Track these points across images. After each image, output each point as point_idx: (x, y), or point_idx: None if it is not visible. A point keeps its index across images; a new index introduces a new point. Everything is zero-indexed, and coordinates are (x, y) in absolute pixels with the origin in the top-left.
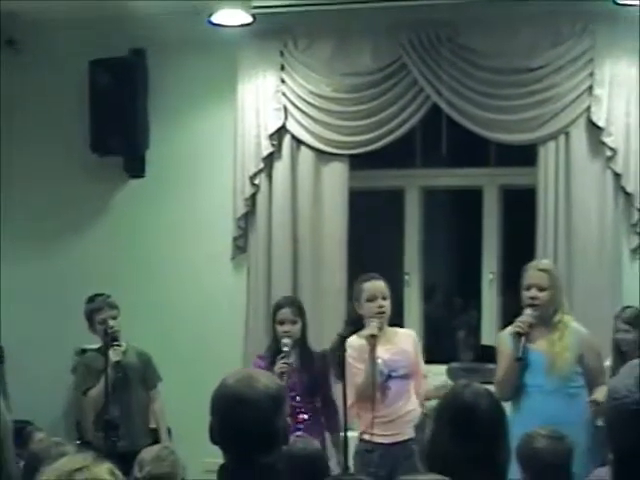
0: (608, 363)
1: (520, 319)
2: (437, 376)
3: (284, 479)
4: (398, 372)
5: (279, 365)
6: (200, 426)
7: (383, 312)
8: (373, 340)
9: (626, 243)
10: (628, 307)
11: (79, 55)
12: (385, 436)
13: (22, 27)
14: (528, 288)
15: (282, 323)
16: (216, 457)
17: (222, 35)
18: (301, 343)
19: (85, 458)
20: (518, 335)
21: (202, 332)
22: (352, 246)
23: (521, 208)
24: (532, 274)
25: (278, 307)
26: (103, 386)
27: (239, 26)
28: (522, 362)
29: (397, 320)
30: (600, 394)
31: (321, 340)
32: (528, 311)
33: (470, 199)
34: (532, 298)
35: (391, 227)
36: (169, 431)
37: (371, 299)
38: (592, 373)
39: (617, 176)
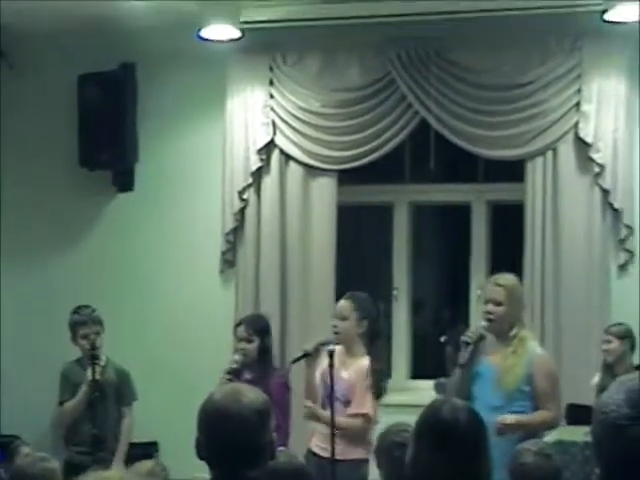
0: (596, 379)
1: (471, 329)
2: (425, 391)
3: None
4: (339, 397)
5: (220, 378)
6: (187, 441)
7: (335, 332)
8: (306, 356)
9: (614, 259)
10: (618, 324)
11: (68, 69)
12: (319, 447)
13: (11, 40)
14: (486, 302)
15: (239, 340)
16: (204, 472)
17: (211, 50)
18: (260, 361)
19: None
20: (466, 344)
21: (190, 346)
22: (340, 261)
23: (509, 224)
24: (489, 288)
25: (237, 324)
26: (78, 401)
27: (228, 41)
28: (464, 370)
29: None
30: (523, 417)
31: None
32: (482, 323)
33: (458, 214)
34: (488, 312)
35: (379, 242)
36: (157, 445)
37: (334, 317)
38: (539, 394)
39: (605, 192)
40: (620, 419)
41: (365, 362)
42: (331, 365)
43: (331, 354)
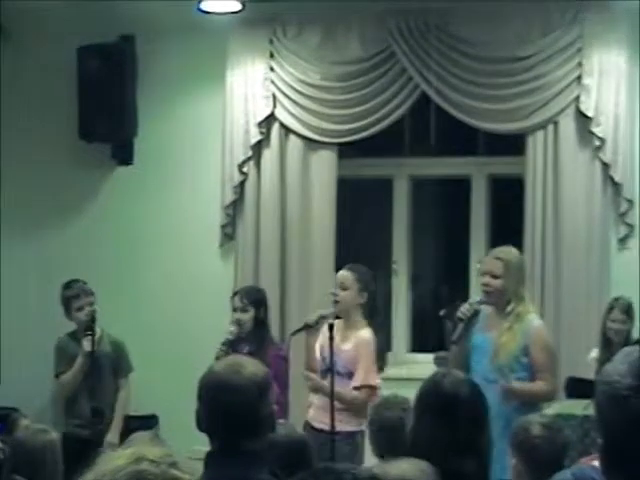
0: (593, 355)
1: (465, 305)
2: (424, 365)
3: (270, 466)
4: (340, 369)
5: (216, 349)
6: (187, 413)
7: (335, 301)
8: (307, 328)
9: (614, 233)
10: (620, 298)
11: (67, 41)
12: (316, 420)
13: (10, 12)
14: (483, 274)
15: (234, 310)
16: (204, 445)
17: (211, 22)
18: (256, 333)
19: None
20: (459, 320)
21: (189, 320)
22: (340, 235)
23: (509, 197)
24: (488, 260)
25: (233, 294)
26: (75, 373)
27: (228, 13)
28: (458, 345)
29: (385, 308)
30: (524, 385)
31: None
32: (476, 297)
33: (458, 188)
34: (484, 285)
35: (379, 216)
36: (156, 418)
37: (335, 287)
38: (534, 366)
39: (605, 166)
40: (623, 389)
41: (367, 334)
42: (331, 338)
43: (331, 327)
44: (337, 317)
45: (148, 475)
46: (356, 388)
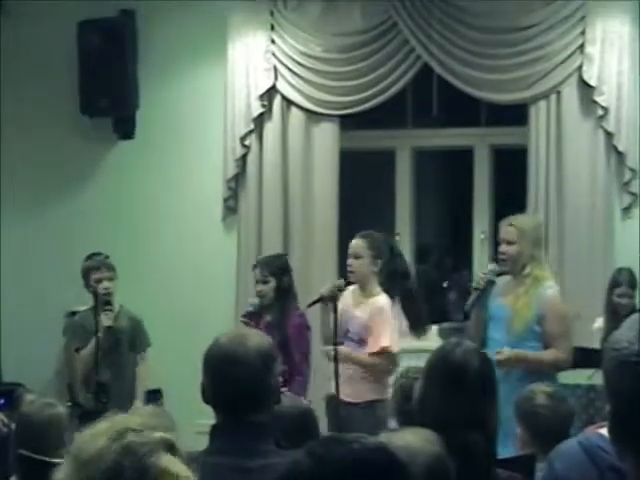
0: (598, 324)
1: (480, 275)
2: (428, 336)
3: (275, 438)
4: (352, 336)
5: (239, 321)
6: (192, 387)
7: (350, 271)
8: (322, 300)
9: (617, 202)
10: (623, 270)
11: (68, 16)
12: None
13: None
14: (501, 243)
15: (256, 282)
16: (208, 418)
17: None
18: (278, 302)
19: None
20: (474, 289)
21: (193, 293)
22: (343, 207)
23: (512, 168)
24: (502, 229)
25: (253, 267)
26: (94, 348)
27: None
28: (472, 314)
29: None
30: (525, 352)
31: (312, 298)
32: (490, 266)
33: (461, 159)
34: (501, 253)
35: (382, 188)
36: (160, 392)
37: (348, 256)
38: (547, 335)
39: (609, 135)
40: (632, 356)
41: (381, 301)
42: (335, 310)
43: (332, 298)
44: (348, 283)
45: (135, 445)
46: (371, 354)
